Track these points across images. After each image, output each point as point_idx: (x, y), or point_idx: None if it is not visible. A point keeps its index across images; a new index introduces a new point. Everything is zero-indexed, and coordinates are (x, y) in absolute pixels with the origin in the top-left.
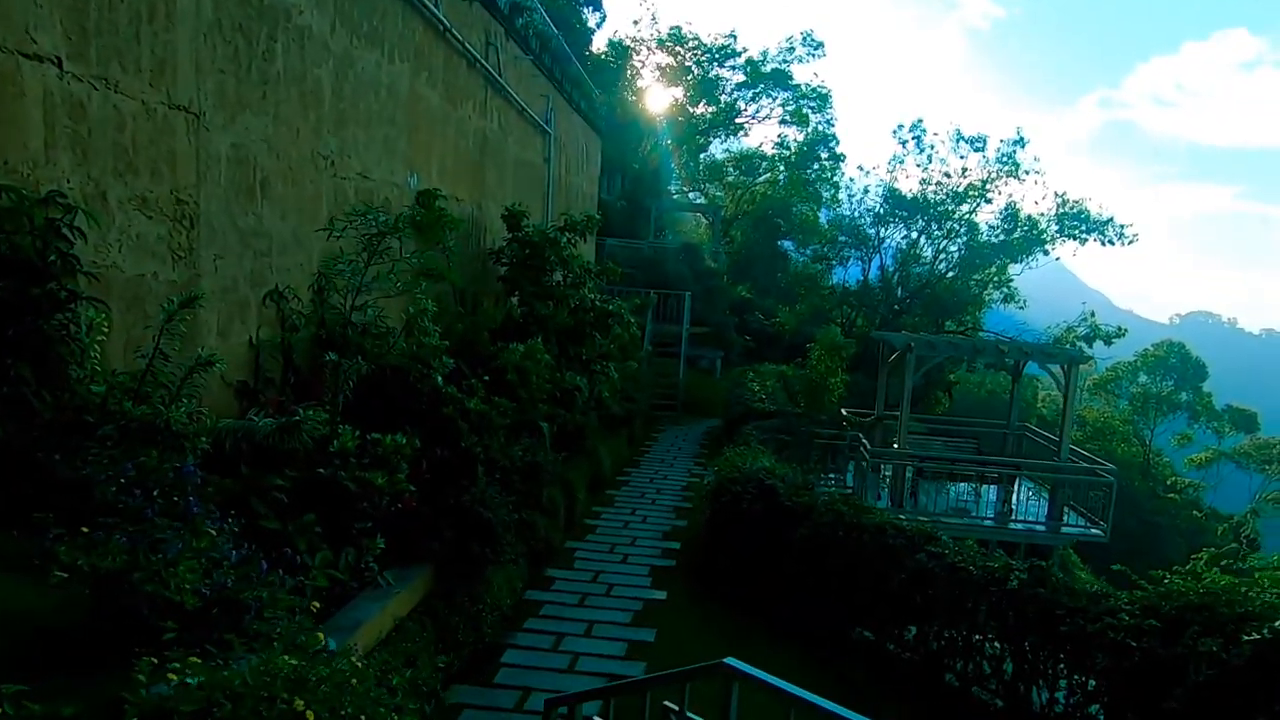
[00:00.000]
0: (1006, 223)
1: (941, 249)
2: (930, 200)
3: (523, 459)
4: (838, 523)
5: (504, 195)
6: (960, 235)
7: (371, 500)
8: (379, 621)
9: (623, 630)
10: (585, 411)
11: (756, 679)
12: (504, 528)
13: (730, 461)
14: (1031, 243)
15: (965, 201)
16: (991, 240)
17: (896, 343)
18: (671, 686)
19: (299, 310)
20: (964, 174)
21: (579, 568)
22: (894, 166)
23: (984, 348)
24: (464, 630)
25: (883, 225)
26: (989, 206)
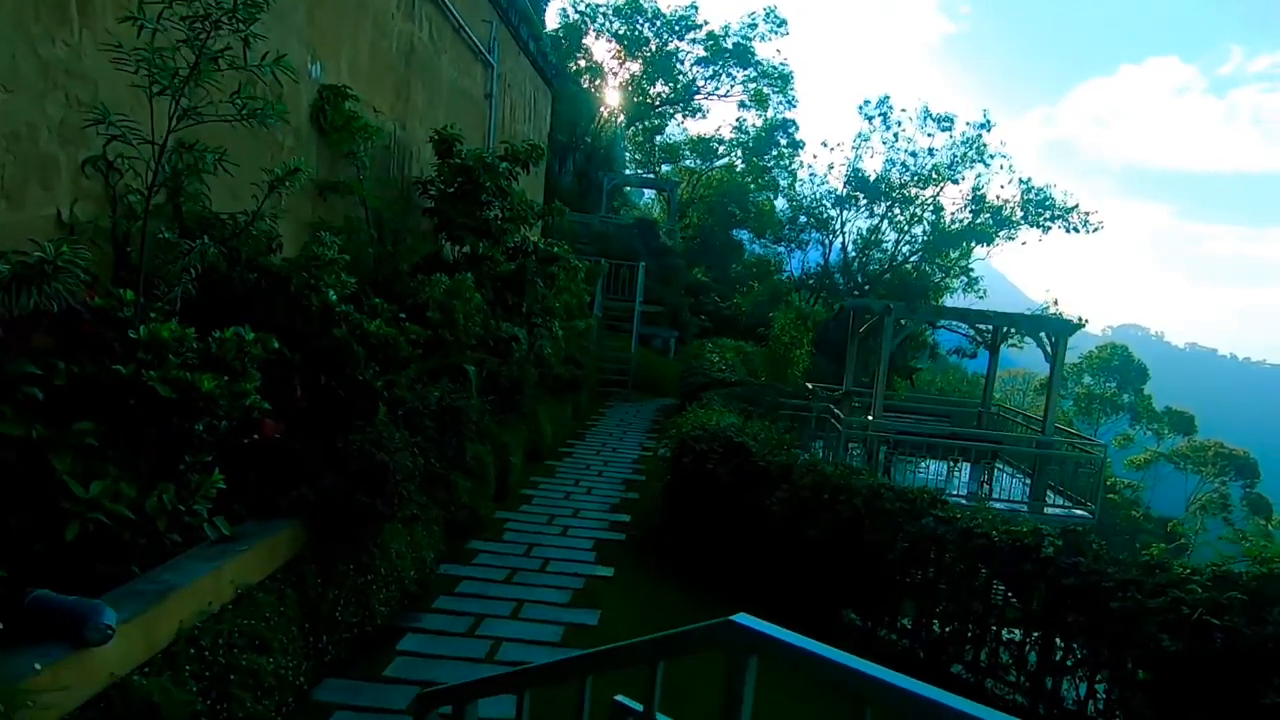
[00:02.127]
0: (974, 205)
1: (905, 233)
2: (894, 184)
3: (440, 402)
4: (822, 485)
5: (435, 121)
6: (923, 219)
7: (206, 418)
8: (208, 588)
9: (559, 612)
10: (523, 366)
11: (797, 650)
12: (406, 476)
13: (693, 419)
14: (1000, 224)
15: (931, 184)
16: (957, 224)
17: (874, 308)
18: (630, 668)
19: (139, 190)
20: (931, 154)
21: (509, 540)
22: (859, 144)
23: (967, 315)
24: (346, 607)
25: (845, 207)
26: (955, 189)
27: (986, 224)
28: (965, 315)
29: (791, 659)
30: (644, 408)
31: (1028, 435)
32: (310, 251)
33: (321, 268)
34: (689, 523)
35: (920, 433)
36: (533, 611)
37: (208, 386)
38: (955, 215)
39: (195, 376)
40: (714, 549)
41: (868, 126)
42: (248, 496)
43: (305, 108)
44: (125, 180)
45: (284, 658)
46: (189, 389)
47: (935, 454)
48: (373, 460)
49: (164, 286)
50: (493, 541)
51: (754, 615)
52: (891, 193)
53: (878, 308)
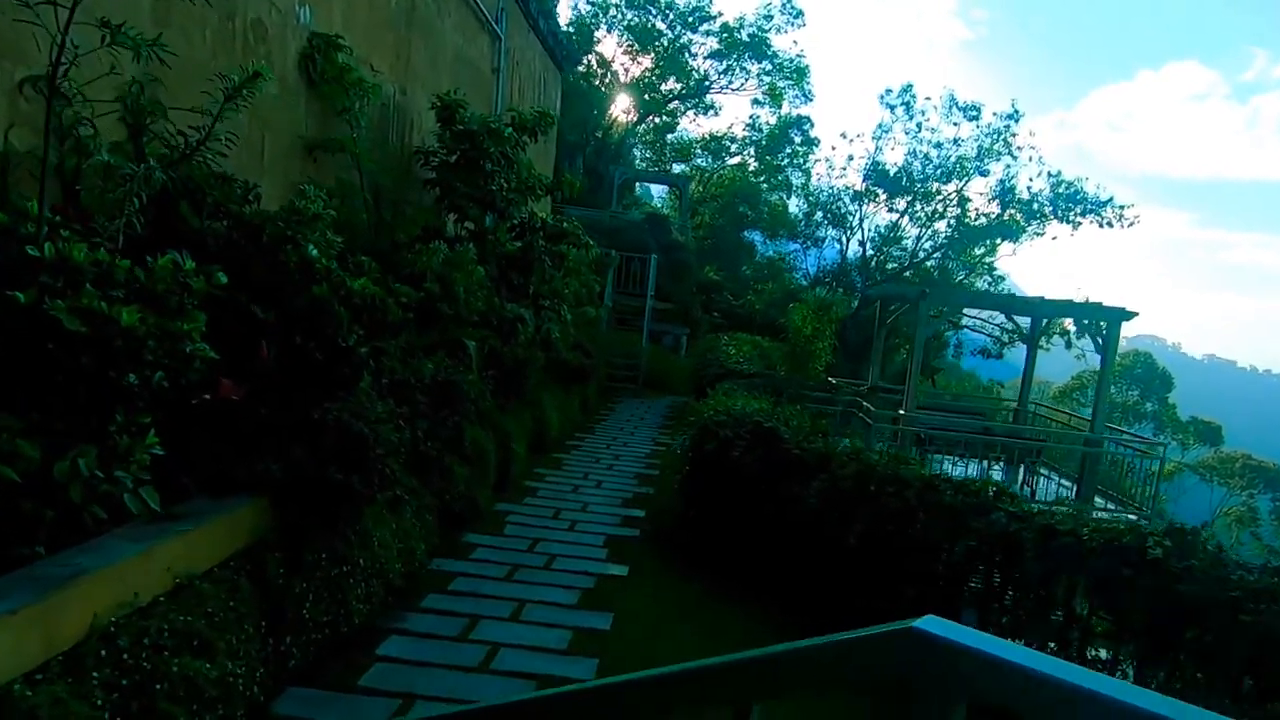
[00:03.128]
0: (1003, 198)
1: (927, 228)
2: (915, 177)
3: (435, 376)
4: (867, 475)
5: (438, 89)
6: (946, 215)
7: (137, 369)
8: (134, 575)
9: (566, 614)
10: (529, 348)
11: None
12: (390, 451)
13: (715, 404)
14: (1031, 216)
15: (955, 178)
16: (983, 219)
17: (909, 294)
18: (718, 685)
19: (90, 121)
20: (957, 144)
21: (511, 534)
22: (880, 135)
23: (1010, 301)
24: (316, 603)
25: (864, 203)
26: (981, 182)
27: (1013, 219)
28: (1007, 302)
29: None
30: (654, 404)
31: (1077, 432)
32: (292, 204)
33: (304, 223)
34: (711, 517)
35: (957, 429)
36: (536, 613)
37: (128, 320)
38: (981, 210)
39: (114, 309)
40: (739, 546)
41: (889, 117)
42: (199, 469)
43: (293, 55)
44: (74, 109)
45: (233, 662)
46: (105, 323)
47: (973, 452)
48: (350, 431)
49: (104, 220)
50: (492, 535)
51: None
52: (913, 187)
53: (912, 293)
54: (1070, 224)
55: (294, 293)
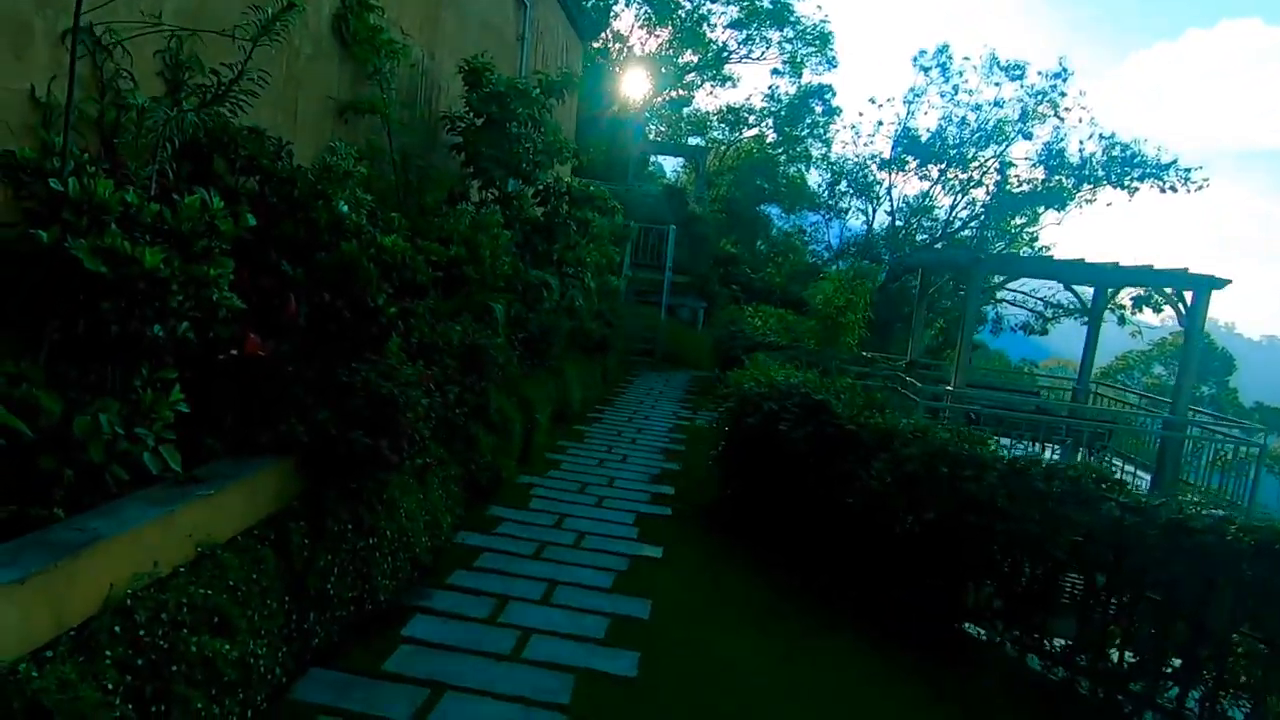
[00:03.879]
0: (1051, 161)
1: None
2: (950, 142)
3: (463, 340)
4: (937, 455)
5: (465, 54)
6: (981, 183)
7: (160, 321)
8: (154, 542)
9: (600, 599)
10: (555, 315)
11: None
12: (420, 416)
13: (754, 374)
14: (1081, 182)
15: (994, 141)
16: (1027, 185)
17: (960, 260)
18: None
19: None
20: (998, 105)
21: (537, 508)
22: (912, 100)
23: (1075, 268)
24: (341, 578)
25: (894, 170)
26: (1025, 146)
27: (1060, 185)
28: (1073, 270)
29: None
30: (673, 378)
31: (1158, 415)
32: (323, 162)
33: (335, 180)
34: (750, 497)
35: (1011, 408)
36: (569, 596)
37: (151, 261)
38: (1024, 176)
39: (137, 249)
40: (783, 529)
41: (922, 80)
42: (222, 429)
43: (326, 15)
44: (115, 62)
45: (255, 641)
46: (127, 264)
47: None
48: (379, 393)
49: (137, 167)
50: (518, 509)
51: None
52: (946, 153)
53: (964, 259)
54: (1125, 189)
55: (323, 249)
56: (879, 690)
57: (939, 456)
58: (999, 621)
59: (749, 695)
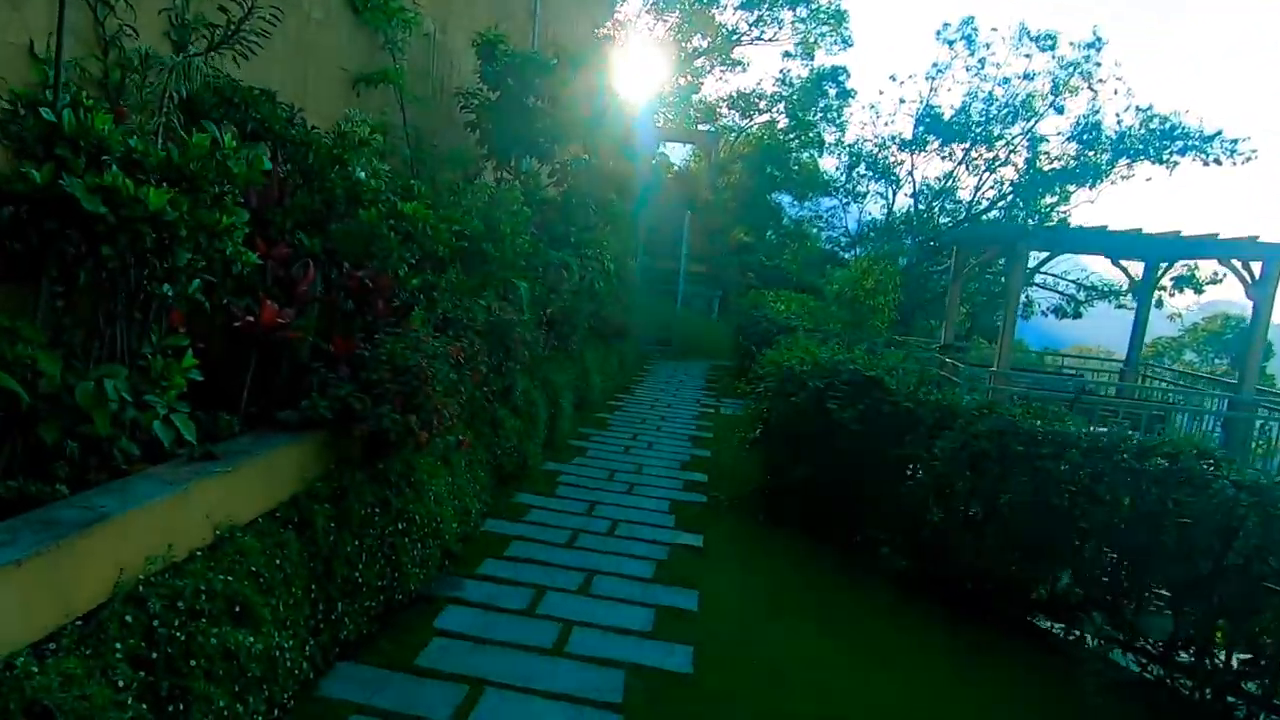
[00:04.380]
0: (1086, 135)
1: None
2: (975, 120)
3: (488, 317)
4: (1010, 431)
5: (476, 27)
6: (1008, 161)
7: (169, 273)
8: (168, 523)
9: (643, 589)
10: (576, 297)
11: None
12: (448, 390)
13: (795, 352)
14: (1117, 156)
15: (1023, 117)
16: (1059, 162)
17: (1004, 234)
18: None
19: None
20: (1027, 78)
21: (565, 495)
22: (935, 76)
23: (1134, 239)
24: (370, 565)
25: (915, 151)
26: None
27: (1094, 161)
28: (1129, 241)
29: None
30: (691, 368)
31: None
32: (338, 128)
33: (351, 149)
34: (795, 483)
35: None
36: (609, 586)
37: (156, 202)
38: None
39: (141, 190)
40: (833, 517)
41: (947, 54)
42: (239, 405)
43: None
44: (118, 20)
45: (280, 633)
46: (129, 204)
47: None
48: (406, 366)
49: (141, 120)
50: (545, 496)
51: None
52: (970, 131)
53: (1009, 234)
54: (1164, 164)
55: (340, 220)
56: (964, 694)
57: (1013, 433)
58: (1082, 614)
59: (825, 699)
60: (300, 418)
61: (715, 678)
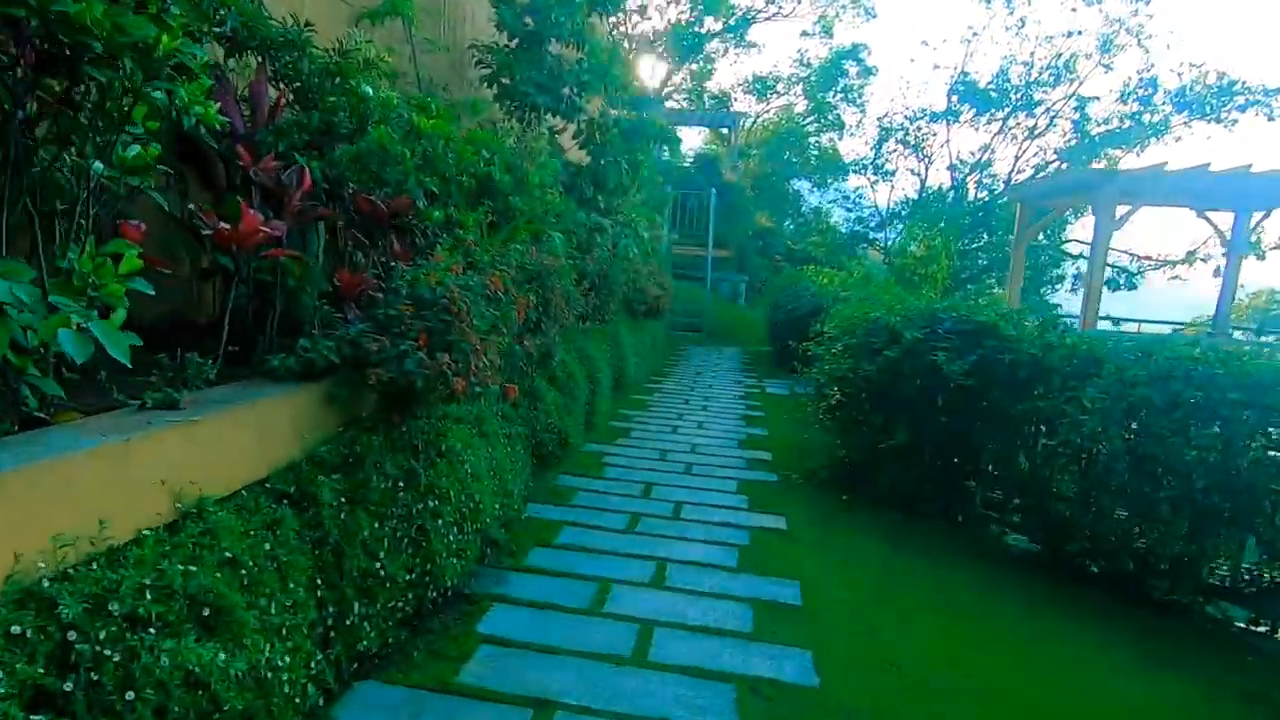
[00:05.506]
0: (1143, 89)
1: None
2: (1012, 86)
3: (523, 263)
4: (1191, 375)
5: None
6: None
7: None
8: (101, 486)
9: (729, 580)
10: (611, 264)
11: None
12: (490, 328)
13: (876, 303)
14: (1183, 108)
15: (1066, 79)
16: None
17: (1086, 183)
18: None
19: None
20: (1072, 36)
21: (614, 478)
22: (971, 40)
23: (1249, 188)
24: (393, 554)
25: (950, 122)
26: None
27: (1151, 119)
28: (1240, 185)
29: None
30: (723, 353)
31: None
32: (339, 44)
33: (356, 71)
34: (888, 452)
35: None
36: (688, 578)
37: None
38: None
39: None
40: (934, 488)
41: (984, 16)
42: (222, 346)
43: None
44: None
45: (273, 646)
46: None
47: None
48: (433, 296)
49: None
50: (592, 478)
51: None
52: (1008, 97)
53: (1091, 182)
54: (1222, 123)
55: (346, 137)
56: (1156, 697)
57: (1185, 376)
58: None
59: (991, 712)
60: (299, 364)
61: (847, 689)
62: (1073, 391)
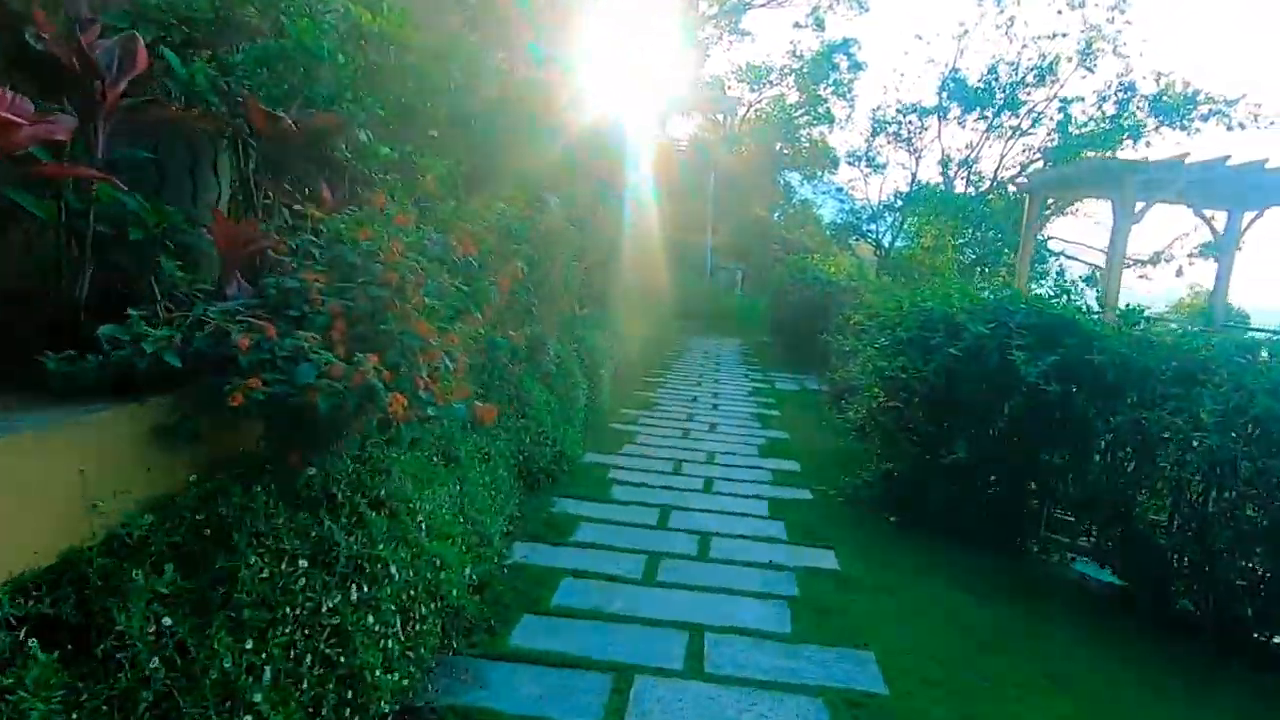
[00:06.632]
0: (1122, 93)
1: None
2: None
3: (503, 224)
4: None
5: None
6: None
7: None
8: None
9: (785, 658)
10: (614, 238)
11: None
12: (441, 323)
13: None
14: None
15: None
16: (1090, 126)
17: (1110, 169)
18: None
19: None
20: (1056, 38)
21: (623, 499)
22: (961, 37)
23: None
24: (284, 696)
25: (942, 118)
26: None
27: (1128, 122)
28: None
29: None
30: (724, 343)
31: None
32: None
33: None
34: (944, 468)
35: None
36: (731, 655)
37: None
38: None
39: None
40: (999, 512)
41: (976, 14)
42: None
43: None
44: None
45: None
46: None
47: None
48: (359, 259)
49: None
50: (597, 501)
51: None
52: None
53: (1114, 169)
54: (1187, 130)
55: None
56: None
57: None
58: None
59: None
60: (100, 371)
61: None
62: (1179, 401)
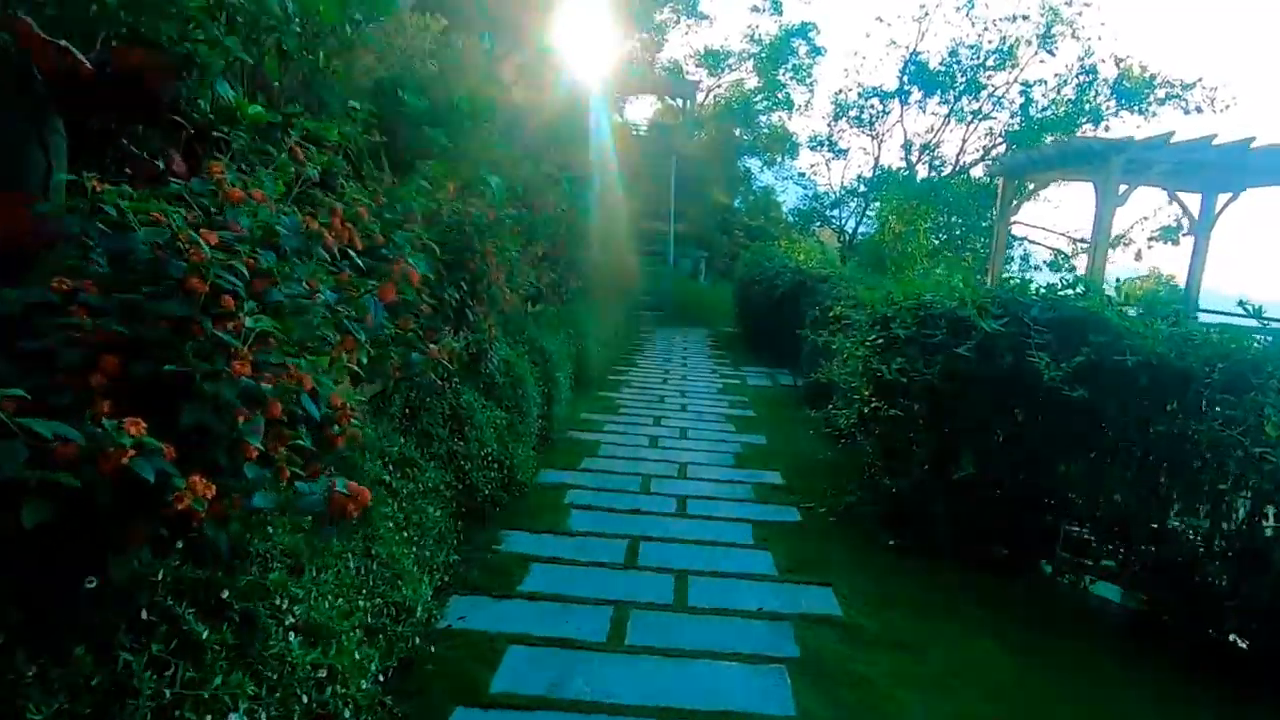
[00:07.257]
0: (1082, 77)
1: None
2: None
3: (430, 210)
4: None
5: None
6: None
7: None
8: None
9: None
10: (570, 224)
11: None
12: (289, 351)
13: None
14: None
15: (1011, 64)
16: (1049, 112)
17: (1093, 149)
18: None
19: None
20: (1024, 19)
21: (583, 529)
22: (922, 17)
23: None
24: None
25: (904, 102)
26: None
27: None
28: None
29: None
30: (690, 334)
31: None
32: None
33: None
34: (950, 484)
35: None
36: None
37: None
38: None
39: None
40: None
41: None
42: None
43: None
44: None
45: None
46: None
47: None
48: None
49: None
50: (552, 534)
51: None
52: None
53: (1098, 150)
54: (1143, 114)
55: None
56: None
57: None
58: None
59: None
60: None
61: None
62: (1229, 409)
